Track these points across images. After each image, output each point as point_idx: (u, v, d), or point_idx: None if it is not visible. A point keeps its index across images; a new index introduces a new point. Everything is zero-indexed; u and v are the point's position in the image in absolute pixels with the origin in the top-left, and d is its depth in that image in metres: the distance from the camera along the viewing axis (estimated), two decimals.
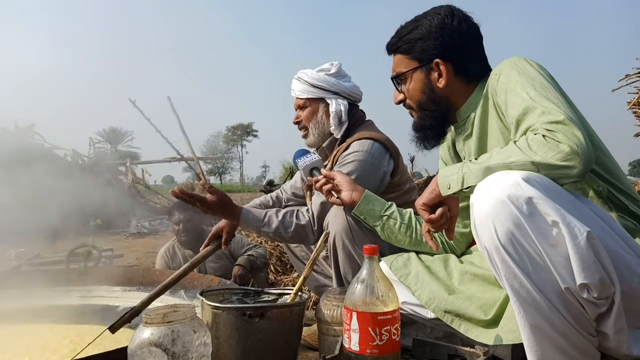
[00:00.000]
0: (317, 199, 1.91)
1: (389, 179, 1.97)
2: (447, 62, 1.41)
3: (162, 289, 1.67)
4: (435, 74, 1.43)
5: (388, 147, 1.96)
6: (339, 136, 2.07)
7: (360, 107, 2.17)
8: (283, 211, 1.94)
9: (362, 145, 1.92)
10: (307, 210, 1.94)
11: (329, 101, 2.07)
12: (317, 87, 2.07)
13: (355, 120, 2.10)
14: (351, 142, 1.97)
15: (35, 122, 9.04)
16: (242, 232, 3.83)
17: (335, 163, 1.98)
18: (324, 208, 1.86)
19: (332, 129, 2.06)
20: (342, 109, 2.05)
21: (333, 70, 2.09)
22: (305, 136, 2.15)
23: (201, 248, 1.98)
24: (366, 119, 2.15)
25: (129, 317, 1.50)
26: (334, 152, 2.06)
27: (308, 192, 2.22)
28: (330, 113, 2.05)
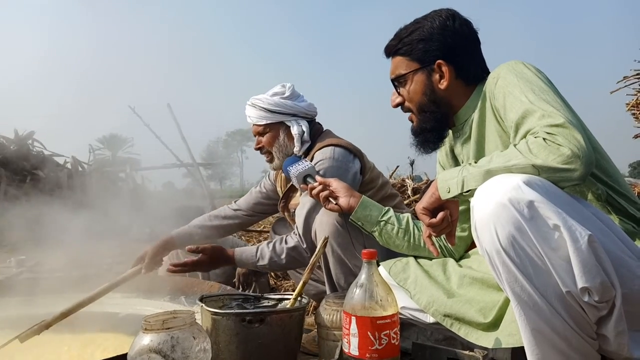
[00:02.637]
0: (300, 217, 1.92)
1: (360, 178, 2.00)
2: (449, 64, 1.42)
3: (77, 306, 1.75)
4: (437, 76, 1.43)
5: (350, 149, 2.00)
6: (300, 153, 2.09)
7: (317, 120, 2.19)
8: (273, 241, 1.98)
9: (325, 153, 1.95)
10: (294, 231, 1.95)
11: (288, 124, 2.09)
12: (274, 112, 2.08)
13: (314, 133, 2.13)
14: (314, 154, 2.00)
15: (35, 130, 9.06)
16: (240, 235, 3.82)
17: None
18: (308, 223, 1.87)
19: (295, 150, 2.08)
20: (304, 129, 2.08)
21: (287, 93, 2.10)
22: (270, 160, 2.17)
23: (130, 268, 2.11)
24: (323, 129, 2.18)
25: (38, 329, 1.56)
26: None
27: (286, 213, 2.22)
28: (294, 135, 2.07)
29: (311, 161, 1.97)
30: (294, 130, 2.07)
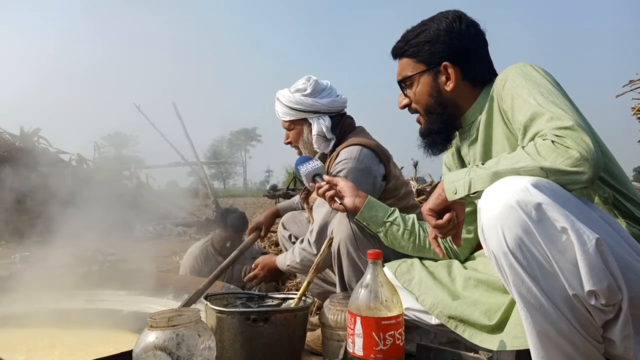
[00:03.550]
0: (318, 214, 1.92)
1: (383, 184, 1.97)
2: (455, 65, 1.41)
3: (220, 271, 2.09)
4: (443, 78, 1.43)
5: (377, 152, 1.96)
6: (327, 151, 2.08)
7: (349, 114, 2.17)
8: (295, 245, 2.00)
9: (351, 153, 1.93)
10: (309, 231, 1.95)
11: (311, 121, 2.08)
12: (295, 110, 2.07)
13: (345, 128, 2.10)
14: (340, 151, 1.98)
15: (41, 127, 9.10)
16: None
17: (328, 173, 1.99)
18: (326, 223, 1.87)
19: (315, 148, 2.07)
20: (324, 128, 2.05)
21: (309, 90, 2.06)
22: (299, 154, 2.16)
23: (246, 236, 2.52)
24: (356, 125, 2.15)
25: (195, 298, 1.85)
26: (327, 163, 2.06)
27: (306, 204, 2.23)
28: (313, 136, 2.06)
29: (337, 157, 1.97)
30: (314, 130, 2.06)
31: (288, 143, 2.18)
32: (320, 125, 2.06)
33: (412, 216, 1.66)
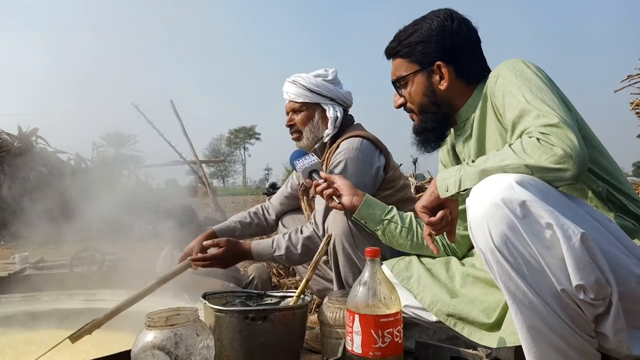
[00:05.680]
0: (319, 205, 1.92)
1: (383, 174, 1.99)
2: (448, 64, 1.42)
3: (127, 303, 1.71)
4: (437, 77, 1.43)
5: (377, 144, 2.00)
6: (327, 140, 2.09)
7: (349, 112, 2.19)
8: (288, 232, 1.98)
9: (352, 143, 1.96)
10: (309, 221, 1.96)
11: (325, 107, 2.09)
12: (314, 92, 2.08)
13: (344, 122, 2.12)
14: (340, 142, 2.01)
15: (39, 127, 9.07)
16: None
17: (328, 164, 2.01)
18: (328, 211, 1.87)
19: (327, 132, 2.08)
20: (339, 115, 2.08)
21: (330, 77, 2.11)
22: (297, 139, 2.16)
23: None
24: (354, 121, 2.18)
25: (90, 328, 1.52)
26: (326, 154, 2.08)
27: (304, 197, 2.23)
28: (329, 118, 2.07)
29: (337, 148, 1.99)
30: (329, 113, 2.07)
31: (290, 126, 2.17)
32: (336, 112, 2.08)
33: (410, 214, 1.66)
